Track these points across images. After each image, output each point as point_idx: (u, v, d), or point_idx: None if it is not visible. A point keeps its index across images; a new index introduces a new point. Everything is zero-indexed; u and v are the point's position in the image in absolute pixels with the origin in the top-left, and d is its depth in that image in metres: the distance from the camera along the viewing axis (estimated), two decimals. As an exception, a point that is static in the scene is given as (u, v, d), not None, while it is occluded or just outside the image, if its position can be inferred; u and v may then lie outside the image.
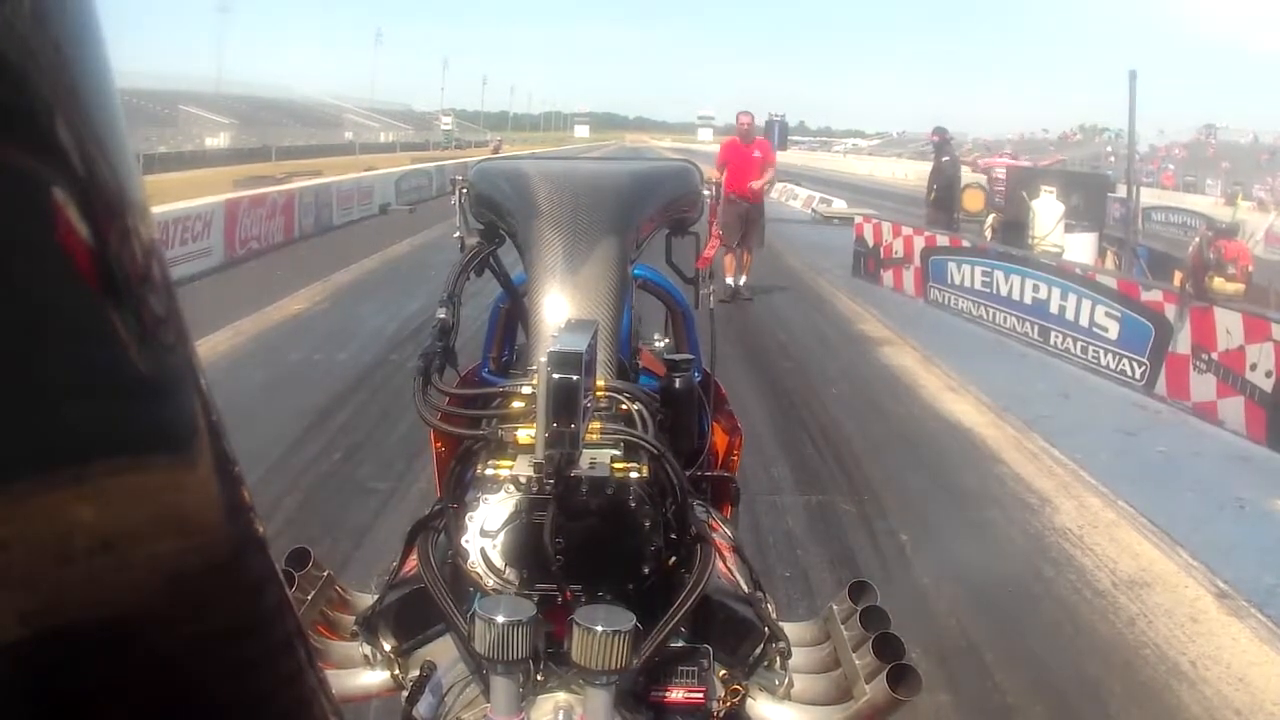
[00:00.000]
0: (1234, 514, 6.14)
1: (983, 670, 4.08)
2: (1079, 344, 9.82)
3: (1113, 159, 64.40)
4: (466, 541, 1.58)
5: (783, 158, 38.41)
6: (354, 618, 1.86)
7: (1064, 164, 25.16)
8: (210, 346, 8.99)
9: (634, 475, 1.56)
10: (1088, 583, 4.98)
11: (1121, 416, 8.20)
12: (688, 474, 1.77)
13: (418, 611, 1.72)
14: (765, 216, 12.65)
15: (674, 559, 1.63)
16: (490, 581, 1.57)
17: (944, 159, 17.31)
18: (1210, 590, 4.94)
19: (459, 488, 1.72)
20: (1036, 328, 10.49)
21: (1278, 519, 6.12)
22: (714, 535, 1.83)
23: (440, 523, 1.74)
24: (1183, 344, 8.49)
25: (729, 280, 12.03)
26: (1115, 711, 3.87)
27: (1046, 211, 13.10)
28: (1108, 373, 9.38)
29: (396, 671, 1.73)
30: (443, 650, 1.70)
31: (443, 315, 1.92)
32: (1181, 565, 5.21)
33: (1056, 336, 10.16)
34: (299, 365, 8.71)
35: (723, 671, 1.66)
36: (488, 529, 1.57)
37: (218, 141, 55.80)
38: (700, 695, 1.59)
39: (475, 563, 1.57)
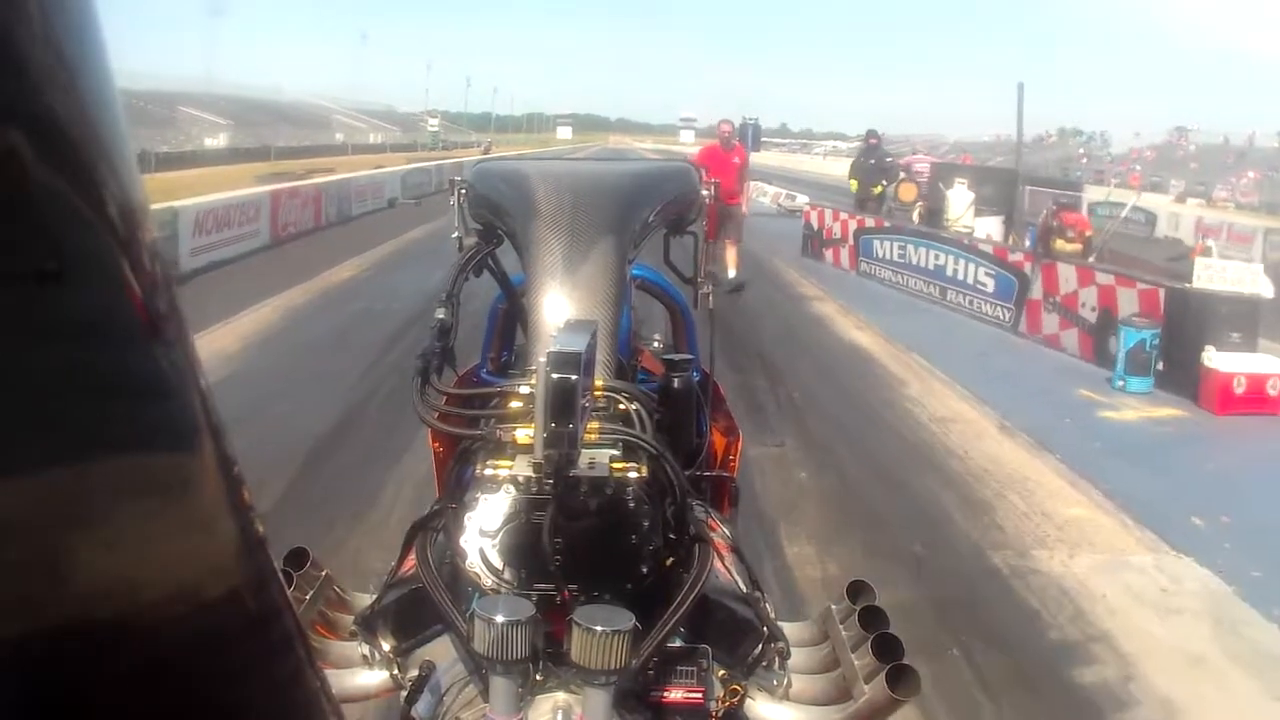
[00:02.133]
0: (1040, 395, 8.87)
1: (831, 450, 6.84)
2: (966, 298, 12.59)
3: (1085, 161, 67.11)
4: (465, 541, 1.58)
5: (759, 159, 40.82)
6: (352, 617, 1.85)
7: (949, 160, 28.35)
8: (287, 299, 11.66)
9: (633, 475, 1.56)
10: (913, 417, 7.78)
11: (985, 345, 10.98)
12: (686, 474, 1.76)
13: (416, 611, 1.71)
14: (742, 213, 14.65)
15: (672, 559, 1.63)
16: (489, 581, 1.57)
17: (887, 159, 20.16)
18: (995, 424, 7.68)
19: (458, 488, 1.71)
20: (937, 287, 13.25)
21: (1073, 399, 8.85)
22: (713, 535, 1.82)
23: (439, 523, 1.73)
24: (1036, 291, 11.25)
25: (731, 274, 12.79)
26: (905, 468, 6.61)
27: (958, 199, 15.84)
28: (986, 318, 12.14)
29: (395, 671, 1.73)
30: (441, 650, 1.70)
31: (441, 315, 1.91)
32: (983, 413, 7.96)
33: (951, 293, 12.93)
34: (362, 312, 11.31)
35: (722, 671, 1.66)
36: (486, 529, 1.57)
37: (216, 142, 56.53)
38: (699, 695, 1.59)
39: (474, 562, 1.57)
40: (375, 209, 23.89)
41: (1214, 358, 8.79)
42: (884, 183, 19.63)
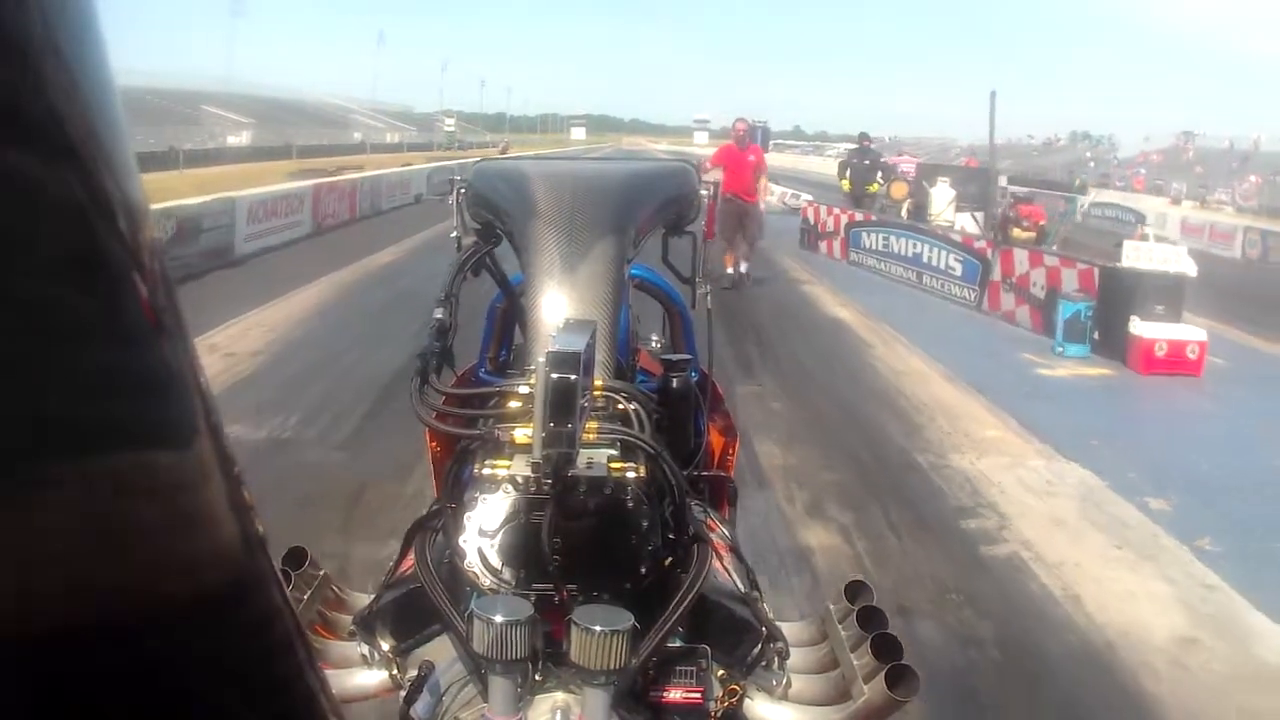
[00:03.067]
0: (987, 357, 10.41)
1: (802, 390, 8.42)
2: (939, 281, 14.15)
3: (1092, 164, 68.32)
4: (464, 541, 1.60)
5: (769, 161, 41.92)
6: (351, 617, 1.87)
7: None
8: (344, 276, 13.32)
9: (631, 475, 1.58)
10: (875, 370, 9.38)
11: (949, 319, 12.56)
12: (684, 474, 1.78)
13: (415, 611, 1.73)
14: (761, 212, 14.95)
15: (671, 559, 1.65)
16: (488, 581, 1.58)
17: (881, 159, 21.77)
18: (942, 375, 9.25)
19: (456, 487, 1.73)
20: (915, 273, 14.82)
21: (1015, 360, 10.40)
22: (711, 535, 1.84)
23: (438, 522, 1.74)
24: (996, 274, 12.80)
25: (729, 270, 13.54)
26: (859, 402, 8.18)
27: (940, 195, 17.43)
28: (955, 299, 13.70)
29: (394, 671, 1.75)
30: (440, 650, 1.71)
31: (440, 315, 1.93)
32: (933, 368, 9.52)
33: (926, 277, 14.50)
34: (408, 287, 12.87)
35: (721, 671, 1.68)
36: (485, 529, 1.59)
37: (239, 140, 56.59)
38: (698, 695, 1.60)
39: (473, 562, 1.59)
40: (403, 204, 25.52)
41: (1138, 326, 10.31)
42: (880, 180, 21.30)
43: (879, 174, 21.17)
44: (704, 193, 2.24)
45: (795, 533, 5.48)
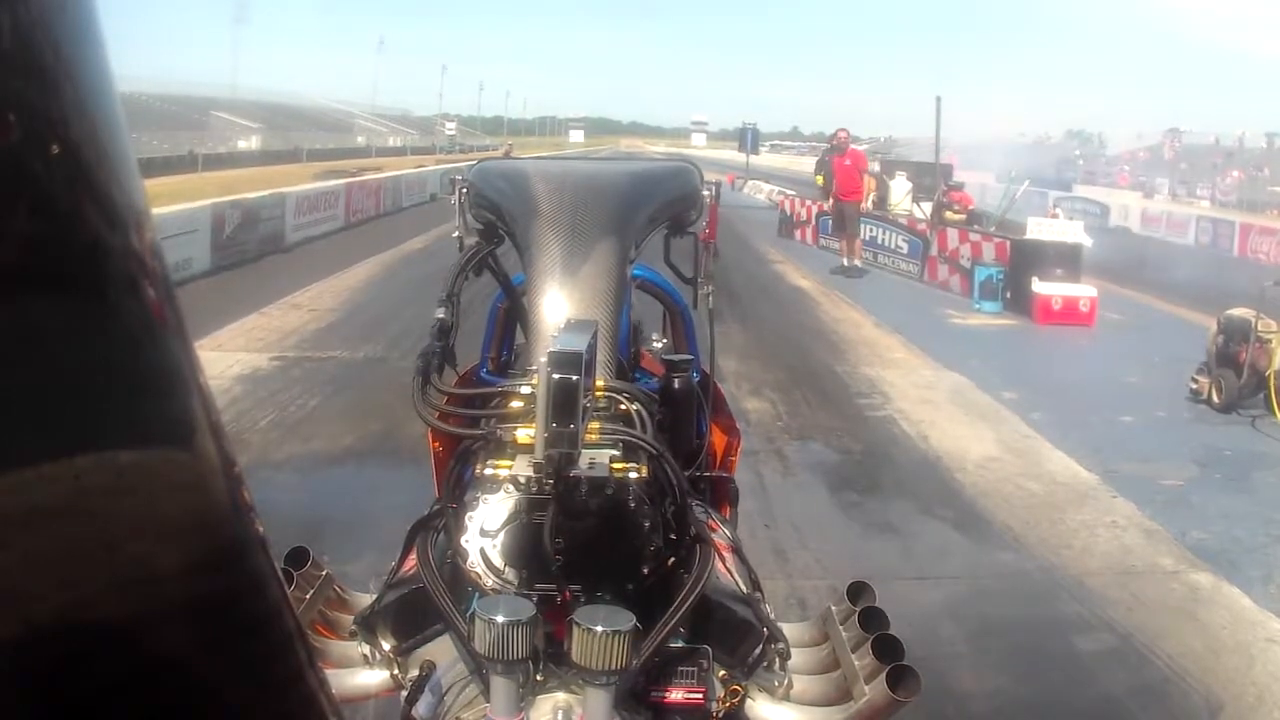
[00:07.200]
0: (913, 311, 12.92)
1: (758, 328, 10.95)
2: (890, 259, 16.72)
3: (1080, 161, 70.15)
4: (466, 541, 1.60)
5: (760, 161, 43.70)
6: (352, 617, 1.88)
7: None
8: (386, 258, 15.83)
9: (633, 475, 1.58)
10: (819, 319, 11.97)
11: (892, 287, 15.12)
12: (686, 474, 1.79)
13: (417, 611, 1.74)
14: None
15: (673, 559, 1.66)
16: (490, 581, 1.59)
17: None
18: (872, 323, 11.81)
19: (458, 487, 1.74)
20: (872, 253, 17.35)
21: (936, 313, 12.93)
22: (713, 536, 1.84)
23: (440, 522, 1.75)
24: (934, 250, 15.34)
25: (844, 262, 16.21)
26: (800, 336, 10.72)
27: (898, 188, 19.97)
28: (902, 273, 16.27)
29: (395, 671, 1.76)
30: (442, 650, 1.72)
31: (441, 315, 1.95)
32: (866, 318, 12.10)
33: (880, 256, 17.07)
34: (442, 265, 15.34)
35: (722, 672, 1.69)
36: (487, 529, 1.59)
37: (249, 144, 55.83)
38: (699, 696, 1.62)
39: (475, 562, 1.59)
40: (420, 202, 28.04)
41: (1038, 285, 12.83)
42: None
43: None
44: (706, 193, 2.25)
45: (739, 403, 7.98)
